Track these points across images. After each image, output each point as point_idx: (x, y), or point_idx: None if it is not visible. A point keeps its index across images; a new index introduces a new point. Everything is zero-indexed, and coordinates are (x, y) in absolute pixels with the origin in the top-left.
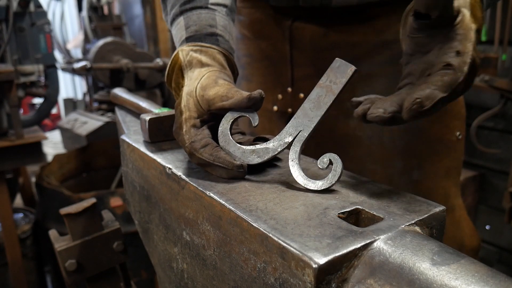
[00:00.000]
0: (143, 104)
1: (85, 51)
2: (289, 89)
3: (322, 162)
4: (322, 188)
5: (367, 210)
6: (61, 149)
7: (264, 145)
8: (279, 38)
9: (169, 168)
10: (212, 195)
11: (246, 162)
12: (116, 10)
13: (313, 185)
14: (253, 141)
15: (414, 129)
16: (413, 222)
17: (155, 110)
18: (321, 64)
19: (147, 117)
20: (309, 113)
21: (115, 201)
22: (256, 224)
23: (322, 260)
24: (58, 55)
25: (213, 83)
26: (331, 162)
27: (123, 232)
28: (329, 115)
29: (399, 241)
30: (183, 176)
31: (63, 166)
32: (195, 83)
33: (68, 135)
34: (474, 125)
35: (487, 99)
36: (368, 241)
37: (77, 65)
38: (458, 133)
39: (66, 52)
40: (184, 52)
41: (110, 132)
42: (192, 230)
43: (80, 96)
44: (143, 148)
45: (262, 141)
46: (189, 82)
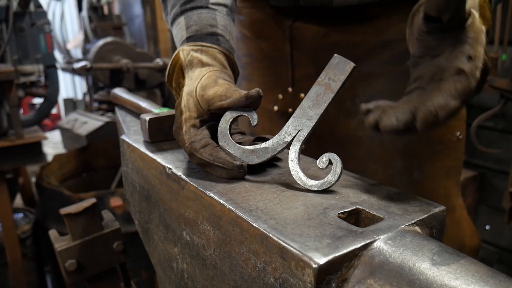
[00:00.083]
0: (143, 104)
1: (85, 51)
2: (289, 89)
3: (321, 162)
4: (322, 188)
5: (367, 210)
6: (61, 149)
7: (263, 145)
8: (280, 38)
9: (169, 168)
10: (212, 195)
11: (245, 162)
12: (116, 10)
13: (313, 184)
14: (253, 141)
15: None
16: (413, 222)
17: (155, 110)
18: (322, 64)
19: (147, 117)
20: (308, 112)
21: (115, 201)
22: (256, 224)
23: (322, 260)
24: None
25: (213, 83)
26: (330, 162)
27: (123, 232)
28: (329, 114)
29: (399, 241)
30: (183, 176)
31: (63, 166)
32: (196, 83)
33: (68, 135)
34: (474, 125)
35: (487, 99)
36: (368, 241)
37: (77, 65)
38: (458, 133)
39: (66, 52)
40: (184, 52)
41: (110, 132)
42: (192, 230)
43: (80, 96)
44: (143, 148)
45: (262, 141)
46: (189, 82)
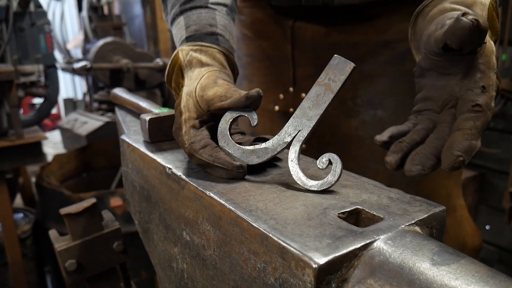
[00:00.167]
0: (143, 104)
1: (85, 51)
2: (290, 89)
3: (321, 162)
4: (322, 188)
5: (367, 210)
6: (61, 149)
7: (263, 145)
8: (281, 38)
9: (169, 168)
10: (212, 195)
11: (245, 163)
12: (116, 10)
13: (313, 185)
14: (253, 142)
15: None
16: (413, 222)
17: (155, 110)
18: (323, 64)
19: (147, 117)
20: (308, 112)
21: (115, 201)
22: (256, 224)
23: (322, 260)
24: (58, 55)
25: (212, 83)
26: (330, 162)
27: (123, 232)
28: (330, 115)
29: (399, 241)
30: (183, 176)
31: (63, 166)
32: (195, 83)
33: (68, 135)
34: None
35: None
36: (368, 241)
37: (77, 65)
38: None
39: (66, 52)
40: (184, 52)
41: (110, 132)
42: (192, 230)
43: (80, 96)
44: (143, 148)
45: (261, 141)
46: (189, 82)
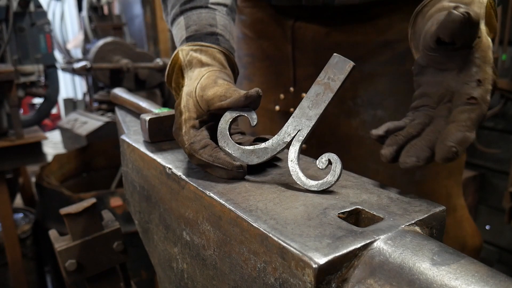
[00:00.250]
0: (143, 104)
1: (85, 51)
2: (291, 88)
3: (321, 162)
4: (321, 189)
5: (367, 210)
6: (61, 149)
7: (263, 145)
8: (281, 38)
9: (169, 168)
10: (212, 195)
11: (245, 163)
12: (116, 10)
13: (312, 185)
14: (253, 142)
15: None
16: (413, 222)
17: (155, 110)
18: (323, 64)
19: (147, 117)
20: (307, 111)
21: (115, 201)
22: (256, 224)
23: (322, 260)
24: (58, 55)
25: (212, 83)
26: (330, 162)
27: (123, 232)
28: (330, 114)
29: (399, 241)
30: (183, 176)
31: (63, 166)
32: (195, 83)
33: (68, 135)
34: None
35: None
36: (368, 241)
37: (77, 65)
38: None
39: (66, 52)
40: (184, 52)
41: (110, 132)
42: (192, 230)
43: (80, 96)
44: (143, 148)
45: (261, 141)
46: (189, 82)
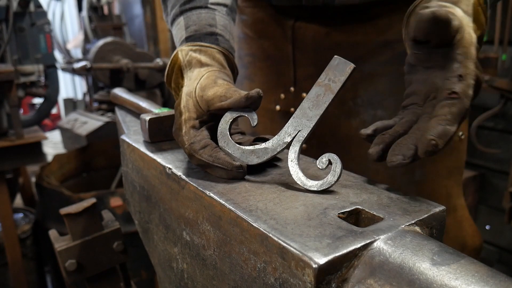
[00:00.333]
0: (143, 104)
1: (85, 51)
2: (291, 88)
3: (321, 162)
4: (322, 189)
5: (367, 210)
6: (61, 149)
7: (263, 145)
8: (282, 38)
9: (169, 168)
10: (212, 195)
11: (245, 163)
12: (116, 10)
13: (312, 185)
14: (253, 142)
15: None
16: (413, 222)
17: (155, 110)
18: (324, 64)
19: (147, 117)
20: (308, 112)
21: (115, 201)
22: (256, 224)
23: (322, 260)
24: (58, 55)
25: (212, 83)
26: (330, 162)
27: (123, 232)
28: (330, 115)
29: (399, 241)
30: (183, 176)
31: (63, 166)
32: (195, 83)
33: (68, 135)
34: (474, 125)
35: (487, 99)
36: (368, 241)
37: (77, 65)
38: (460, 133)
39: (66, 52)
40: (183, 52)
41: (110, 132)
42: (192, 230)
43: (80, 96)
44: (143, 148)
45: (262, 141)
46: (188, 82)
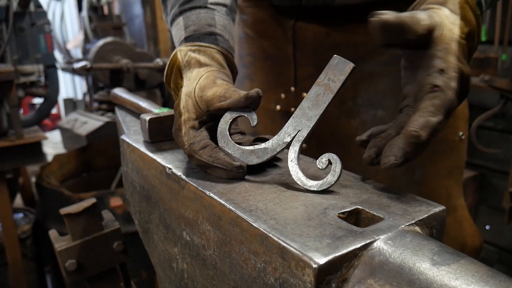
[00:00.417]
0: (143, 104)
1: (85, 51)
2: (292, 88)
3: (321, 162)
4: (321, 189)
5: (367, 210)
6: (61, 149)
7: (263, 145)
8: (282, 38)
9: (169, 168)
10: (212, 195)
11: (245, 163)
12: (116, 10)
13: (312, 185)
14: (253, 142)
15: None
16: (413, 222)
17: (155, 110)
18: (324, 64)
19: (147, 117)
20: (307, 112)
21: (115, 201)
22: (256, 224)
23: (322, 260)
24: (58, 55)
25: (211, 83)
26: (330, 162)
27: (123, 232)
28: (330, 114)
29: (399, 241)
30: (183, 176)
31: (63, 166)
32: (194, 83)
33: (68, 135)
34: (474, 125)
35: (487, 99)
36: (368, 241)
37: (77, 65)
38: (461, 133)
39: (66, 52)
40: (182, 52)
41: (110, 132)
42: (192, 230)
43: (80, 96)
44: (143, 148)
45: (262, 141)
46: (187, 82)
